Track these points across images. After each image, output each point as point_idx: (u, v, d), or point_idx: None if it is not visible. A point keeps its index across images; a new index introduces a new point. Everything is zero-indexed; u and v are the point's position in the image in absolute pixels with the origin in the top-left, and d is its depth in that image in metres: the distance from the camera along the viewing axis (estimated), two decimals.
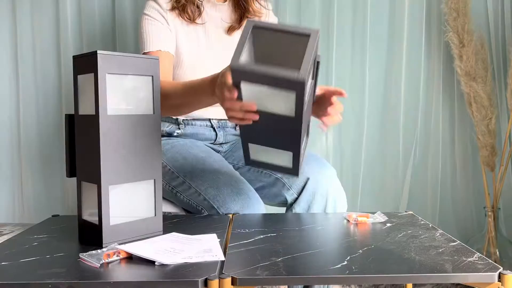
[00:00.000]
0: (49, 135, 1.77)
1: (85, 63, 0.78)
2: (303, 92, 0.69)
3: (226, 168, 1.16)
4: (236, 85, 0.74)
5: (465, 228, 1.84)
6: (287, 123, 0.78)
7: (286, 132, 0.81)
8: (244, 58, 0.74)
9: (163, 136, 1.36)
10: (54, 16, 1.74)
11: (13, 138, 1.76)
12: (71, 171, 0.86)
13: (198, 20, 1.28)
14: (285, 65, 0.78)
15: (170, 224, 0.93)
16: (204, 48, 1.28)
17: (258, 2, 1.33)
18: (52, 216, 1.02)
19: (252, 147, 0.90)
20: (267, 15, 1.38)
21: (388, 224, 0.92)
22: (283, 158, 0.89)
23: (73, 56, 0.81)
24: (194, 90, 0.99)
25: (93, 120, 0.77)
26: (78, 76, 0.81)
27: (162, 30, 1.22)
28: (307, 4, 1.76)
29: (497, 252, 1.68)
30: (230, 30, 1.32)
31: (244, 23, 1.33)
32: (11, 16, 1.74)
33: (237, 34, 1.33)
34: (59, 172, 1.76)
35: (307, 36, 0.72)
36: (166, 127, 1.33)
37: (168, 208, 1.21)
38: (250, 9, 1.30)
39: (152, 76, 0.83)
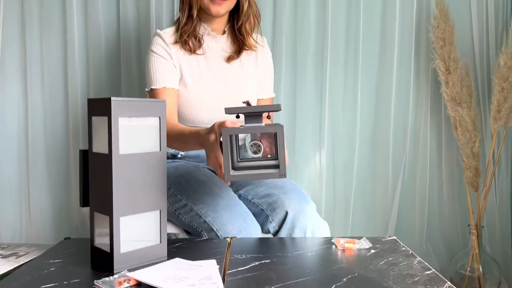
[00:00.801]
0: (56, 154, 1.85)
1: (99, 107, 0.87)
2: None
3: (225, 192, 1.24)
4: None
5: (451, 244, 1.94)
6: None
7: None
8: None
9: (168, 158, 1.45)
10: (61, 38, 1.83)
11: (22, 156, 1.85)
12: (84, 202, 0.94)
13: (199, 51, 1.38)
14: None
15: (173, 249, 1.01)
16: (205, 73, 1.38)
17: (253, 39, 1.43)
18: (64, 238, 1.10)
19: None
20: (263, 51, 1.47)
21: (372, 251, 1.01)
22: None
23: (88, 99, 0.90)
24: (186, 139, 1.15)
25: (106, 159, 0.86)
26: (92, 117, 0.90)
27: (167, 66, 1.32)
28: (302, 30, 1.85)
29: (480, 269, 1.77)
30: (229, 59, 1.42)
31: (242, 54, 1.43)
32: (21, 39, 1.83)
33: (235, 62, 1.43)
34: (65, 191, 1.85)
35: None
36: (171, 149, 1.41)
37: (171, 229, 1.30)
38: (246, 42, 1.40)
39: (159, 117, 0.92)
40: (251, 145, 0.92)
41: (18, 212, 1.85)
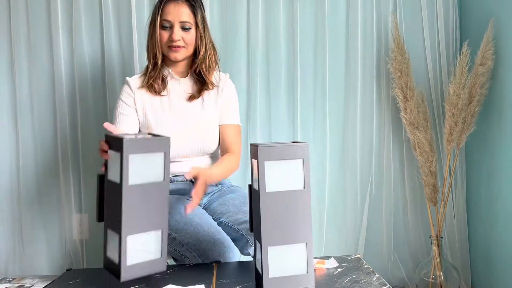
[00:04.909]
0: (47, 187, 1.94)
1: (114, 143, 1.01)
2: None
3: (205, 221, 1.37)
4: None
5: (416, 254, 2.13)
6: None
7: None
8: None
9: None
10: (49, 73, 1.94)
11: (13, 189, 1.93)
12: (99, 217, 1.07)
13: (163, 93, 1.53)
14: None
15: (166, 275, 1.13)
16: (167, 112, 1.52)
17: (215, 77, 1.56)
18: (67, 270, 1.22)
19: None
20: (224, 86, 1.58)
21: (339, 269, 1.16)
22: None
23: (105, 135, 1.05)
24: None
25: (118, 187, 0.99)
26: (109, 151, 1.03)
27: (127, 112, 1.51)
28: (274, 62, 2.04)
29: (442, 275, 1.96)
30: (191, 98, 1.55)
31: (204, 94, 1.55)
32: (10, 76, 1.93)
33: (197, 101, 1.54)
34: (57, 221, 1.94)
35: None
36: None
37: None
38: (207, 81, 1.54)
39: (165, 152, 1.06)
40: None
41: (12, 243, 1.92)
